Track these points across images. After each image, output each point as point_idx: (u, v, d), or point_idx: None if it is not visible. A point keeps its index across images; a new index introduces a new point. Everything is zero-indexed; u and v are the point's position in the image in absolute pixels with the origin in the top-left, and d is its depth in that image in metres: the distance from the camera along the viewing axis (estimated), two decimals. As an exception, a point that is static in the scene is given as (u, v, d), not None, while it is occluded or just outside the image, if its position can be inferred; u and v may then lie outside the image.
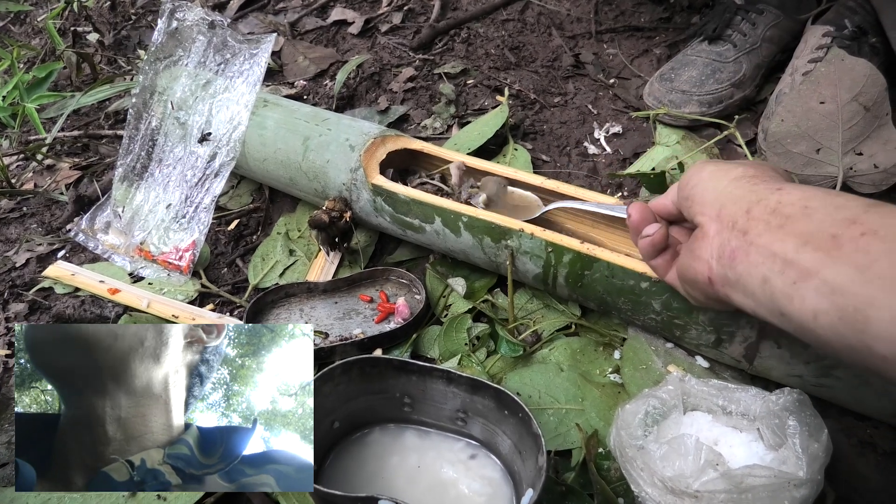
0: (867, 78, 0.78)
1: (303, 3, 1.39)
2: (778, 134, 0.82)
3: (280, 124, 0.83)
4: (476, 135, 0.93)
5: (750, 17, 0.94)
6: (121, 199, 0.90)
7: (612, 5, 1.24)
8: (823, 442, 0.48)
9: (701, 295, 0.50)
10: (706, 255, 0.47)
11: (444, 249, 0.76)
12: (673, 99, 0.93)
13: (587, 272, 0.65)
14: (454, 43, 1.20)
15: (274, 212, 0.93)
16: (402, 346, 0.72)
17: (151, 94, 0.90)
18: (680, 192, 0.53)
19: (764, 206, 0.44)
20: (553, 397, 0.65)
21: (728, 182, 0.48)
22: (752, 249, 0.43)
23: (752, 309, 0.44)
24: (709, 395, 0.55)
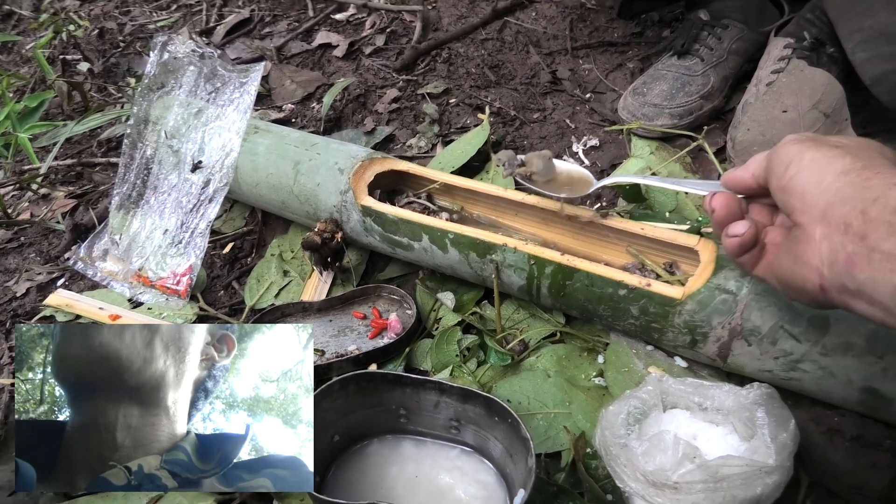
0: (825, 87, 0.83)
1: (288, 28, 1.43)
2: (745, 142, 0.87)
3: (271, 150, 0.87)
4: (459, 153, 0.97)
5: (716, 32, 0.99)
6: (118, 226, 0.93)
7: (586, 22, 1.28)
8: (791, 431, 0.52)
9: (809, 301, 0.46)
10: (814, 260, 0.43)
11: (432, 265, 0.79)
12: (646, 112, 0.97)
13: (568, 282, 0.68)
14: (436, 63, 1.25)
15: (267, 234, 0.96)
16: (395, 360, 0.75)
17: (145, 123, 0.93)
18: (775, 180, 0.47)
19: (882, 206, 0.39)
20: (542, 402, 0.68)
21: (834, 177, 0.42)
22: (874, 256, 0.39)
23: (882, 319, 0.40)
24: (686, 393, 0.59)
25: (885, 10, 0.81)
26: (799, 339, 0.58)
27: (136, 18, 1.59)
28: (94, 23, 1.59)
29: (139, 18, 1.59)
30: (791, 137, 0.47)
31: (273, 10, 1.49)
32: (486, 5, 1.37)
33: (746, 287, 0.60)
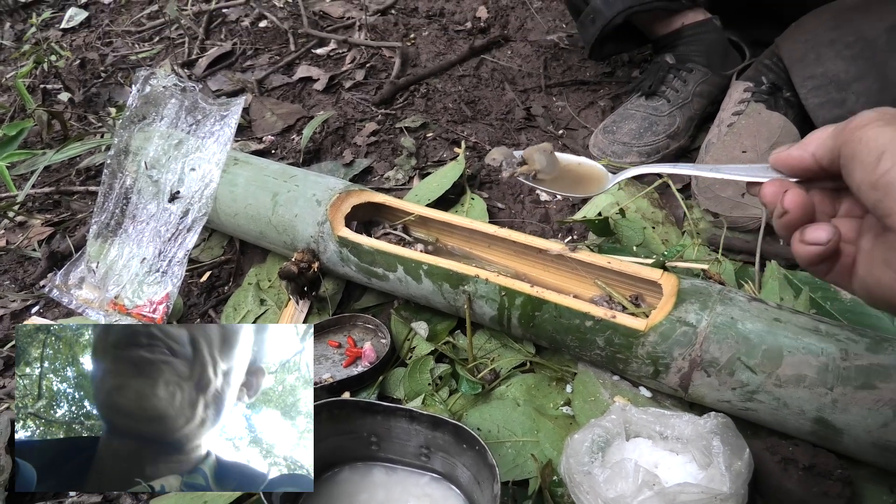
0: (781, 129, 0.88)
1: (270, 61, 1.46)
2: (707, 180, 0.91)
3: (250, 181, 0.88)
4: (435, 186, 1.00)
5: (681, 75, 1.04)
6: (95, 255, 0.94)
7: (559, 61, 1.34)
8: (745, 460, 0.55)
9: None
10: None
11: (406, 295, 0.81)
12: (615, 150, 1.01)
13: (538, 313, 0.71)
14: (414, 98, 1.28)
15: (245, 263, 0.98)
16: (369, 388, 0.76)
17: (126, 154, 0.95)
18: (859, 171, 0.38)
19: None
20: (511, 431, 0.70)
21: None
22: None
23: None
24: (648, 422, 0.61)
25: (833, 59, 0.87)
26: (754, 370, 0.61)
27: (117, 49, 1.62)
28: (75, 53, 1.61)
29: (121, 49, 1.61)
30: (870, 115, 0.39)
31: (255, 44, 1.52)
32: (464, 43, 1.41)
33: (705, 320, 0.63)
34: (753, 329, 0.62)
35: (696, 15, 1.05)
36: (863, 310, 0.75)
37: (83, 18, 1.80)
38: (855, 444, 0.59)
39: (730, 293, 0.66)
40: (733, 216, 0.89)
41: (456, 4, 1.56)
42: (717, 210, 0.90)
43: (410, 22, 1.52)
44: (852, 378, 0.58)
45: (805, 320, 0.62)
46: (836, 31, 0.88)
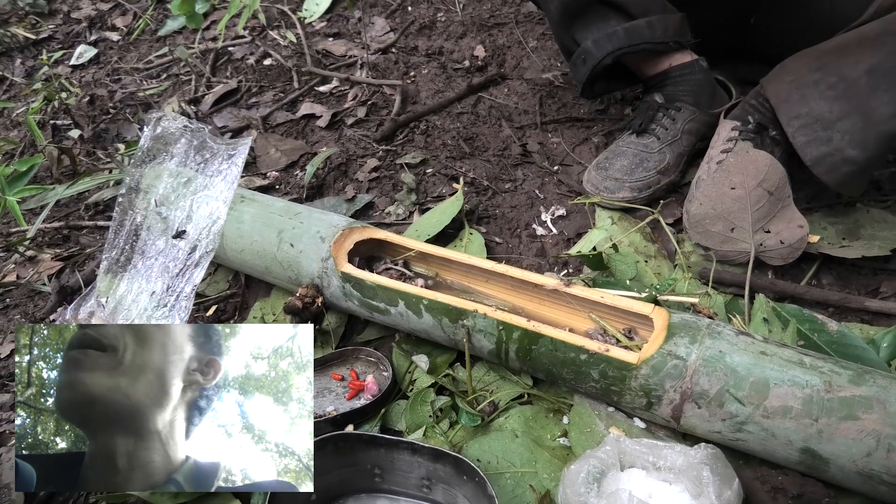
0: (768, 167, 0.91)
1: (274, 98, 1.51)
2: (698, 215, 0.94)
3: (256, 218, 0.92)
4: (435, 221, 1.03)
5: (670, 114, 1.08)
6: (105, 289, 0.96)
7: (554, 98, 1.38)
8: (735, 489, 0.57)
9: None
10: None
11: (408, 329, 0.84)
12: (608, 185, 1.04)
13: (534, 346, 0.73)
14: (414, 134, 1.32)
15: (250, 297, 1.00)
16: (372, 420, 0.79)
17: (136, 192, 0.98)
18: None
19: None
20: (510, 462, 0.72)
21: None
22: None
23: None
24: (641, 453, 0.63)
25: (817, 99, 0.91)
26: (743, 402, 0.63)
27: (126, 86, 1.66)
28: (85, 90, 1.66)
29: (129, 86, 1.66)
30: None
31: (259, 82, 1.57)
32: (462, 81, 1.46)
33: (695, 353, 0.66)
34: (741, 362, 0.64)
35: (683, 56, 1.10)
36: (848, 341, 0.78)
37: (92, 55, 1.85)
38: (841, 474, 0.61)
39: (718, 327, 0.69)
40: (723, 250, 0.92)
41: (454, 43, 1.61)
42: (707, 244, 0.93)
43: (410, 60, 1.57)
44: (836, 409, 0.60)
45: (790, 353, 0.65)
46: (819, 72, 0.92)
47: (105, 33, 1.96)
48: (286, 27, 1.76)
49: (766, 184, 0.91)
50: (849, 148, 0.88)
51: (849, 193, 0.94)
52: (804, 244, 0.89)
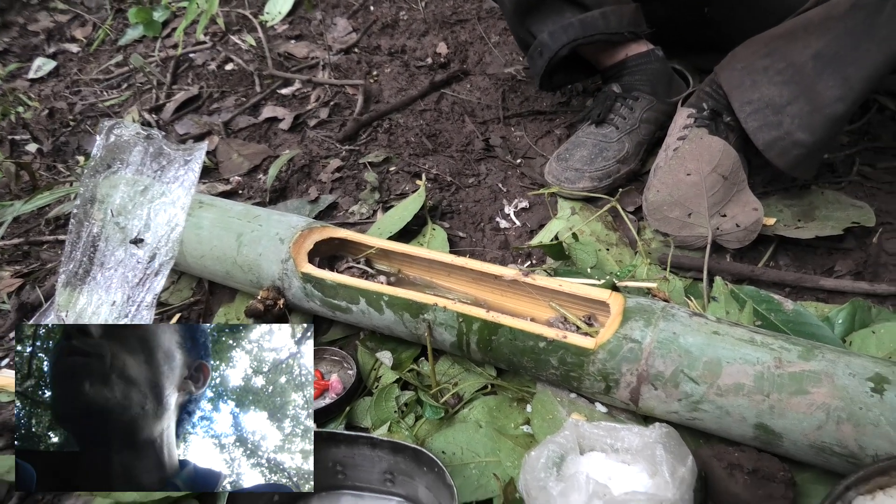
0: (722, 152, 0.93)
1: (236, 103, 1.50)
2: (656, 202, 0.95)
3: (215, 223, 0.91)
4: (397, 218, 1.03)
5: (628, 103, 1.09)
6: (64, 303, 0.95)
7: (517, 92, 1.39)
8: (689, 466, 0.57)
9: None
10: None
11: (370, 326, 0.84)
12: (568, 176, 1.05)
13: (494, 337, 0.74)
14: (377, 133, 1.32)
15: (214, 303, 1.00)
16: (336, 418, 0.78)
17: (92, 202, 0.97)
18: None
19: None
20: (474, 452, 0.72)
21: None
22: None
23: None
24: (600, 436, 0.64)
25: (767, 84, 0.92)
26: (697, 381, 0.64)
27: (86, 98, 1.64)
28: (44, 103, 1.63)
29: (89, 98, 1.64)
30: None
31: (221, 87, 1.56)
32: (425, 78, 1.46)
33: (650, 336, 0.66)
34: (694, 342, 0.65)
35: (638, 46, 1.11)
36: (804, 319, 0.79)
37: (51, 68, 1.82)
38: (794, 447, 0.62)
39: (672, 309, 0.69)
40: (681, 236, 0.94)
41: (417, 41, 1.61)
42: (665, 230, 0.95)
43: (373, 60, 1.57)
44: (786, 385, 0.61)
45: (742, 332, 0.66)
46: (769, 58, 0.94)
47: (64, 45, 1.93)
48: (247, 31, 1.75)
49: (721, 169, 0.92)
50: (798, 131, 0.90)
51: (801, 176, 0.96)
52: (759, 227, 0.91)
